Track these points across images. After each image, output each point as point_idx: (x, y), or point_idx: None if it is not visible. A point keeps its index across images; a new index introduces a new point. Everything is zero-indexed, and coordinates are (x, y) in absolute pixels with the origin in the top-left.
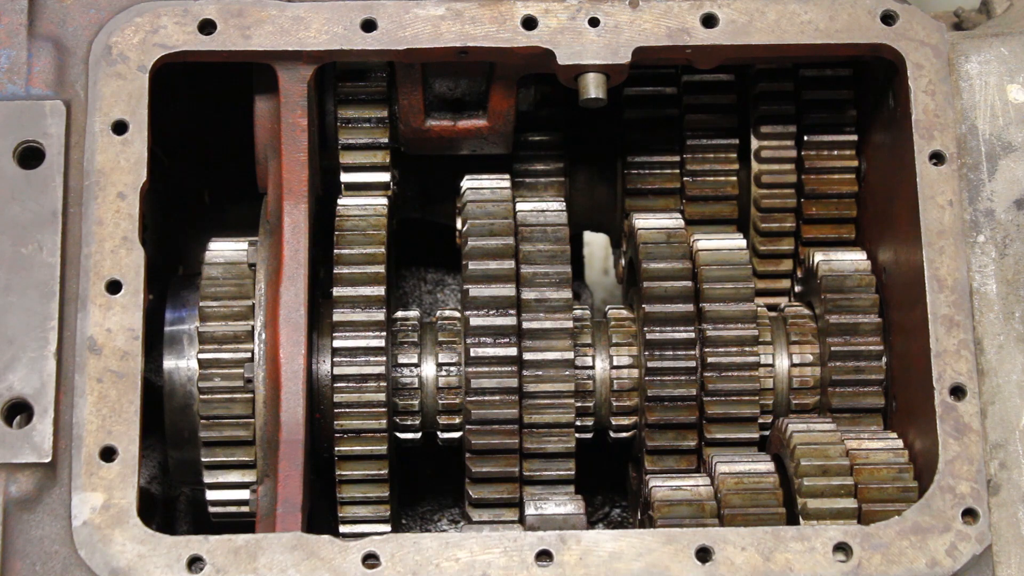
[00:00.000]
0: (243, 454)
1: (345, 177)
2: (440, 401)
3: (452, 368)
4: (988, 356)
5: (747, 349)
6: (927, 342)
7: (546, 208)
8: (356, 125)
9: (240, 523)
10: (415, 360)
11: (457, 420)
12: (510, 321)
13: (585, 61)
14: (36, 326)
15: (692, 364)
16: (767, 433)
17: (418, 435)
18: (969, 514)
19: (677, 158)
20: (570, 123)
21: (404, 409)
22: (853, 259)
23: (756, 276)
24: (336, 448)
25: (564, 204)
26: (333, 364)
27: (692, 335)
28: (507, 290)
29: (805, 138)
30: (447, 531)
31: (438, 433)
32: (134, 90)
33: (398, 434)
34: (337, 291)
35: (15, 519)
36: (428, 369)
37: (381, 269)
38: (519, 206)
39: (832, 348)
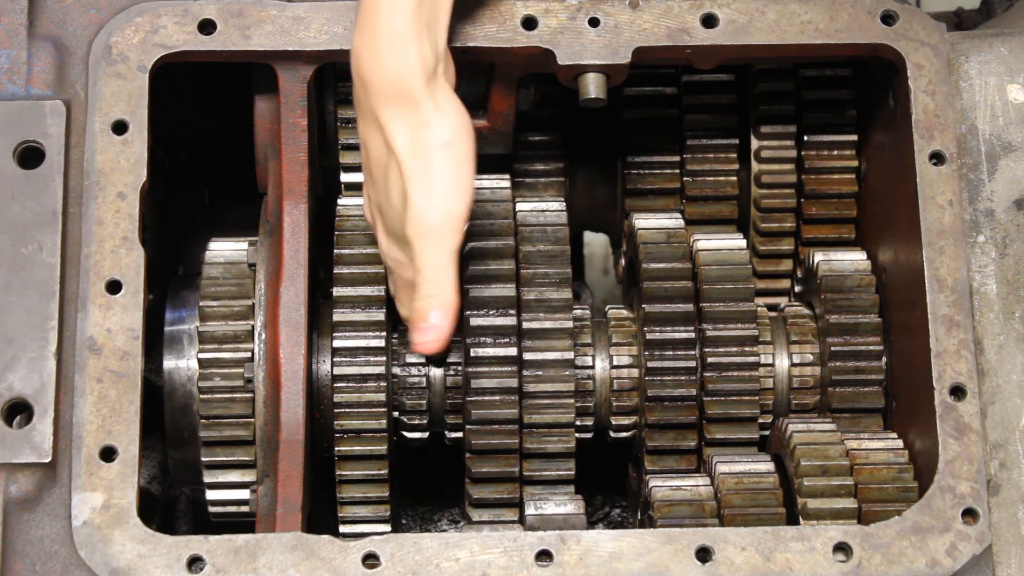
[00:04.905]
0: (243, 454)
1: (345, 177)
2: (448, 401)
3: (457, 367)
4: (988, 356)
5: (747, 349)
6: (927, 342)
7: (546, 208)
8: (356, 125)
9: (240, 523)
10: (422, 359)
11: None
12: (510, 321)
13: (585, 61)
14: (36, 326)
15: (692, 364)
16: (767, 433)
17: (425, 434)
18: (969, 514)
19: (677, 158)
20: (570, 123)
21: (412, 409)
22: (853, 259)
23: (756, 276)
24: (336, 448)
25: (564, 204)
26: (333, 364)
27: (692, 335)
28: (507, 290)
29: (805, 138)
30: (447, 531)
31: (446, 433)
32: (134, 90)
33: (405, 434)
34: (337, 291)
35: (15, 519)
36: (435, 368)
37: (381, 269)
38: (519, 206)
39: (832, 348)
